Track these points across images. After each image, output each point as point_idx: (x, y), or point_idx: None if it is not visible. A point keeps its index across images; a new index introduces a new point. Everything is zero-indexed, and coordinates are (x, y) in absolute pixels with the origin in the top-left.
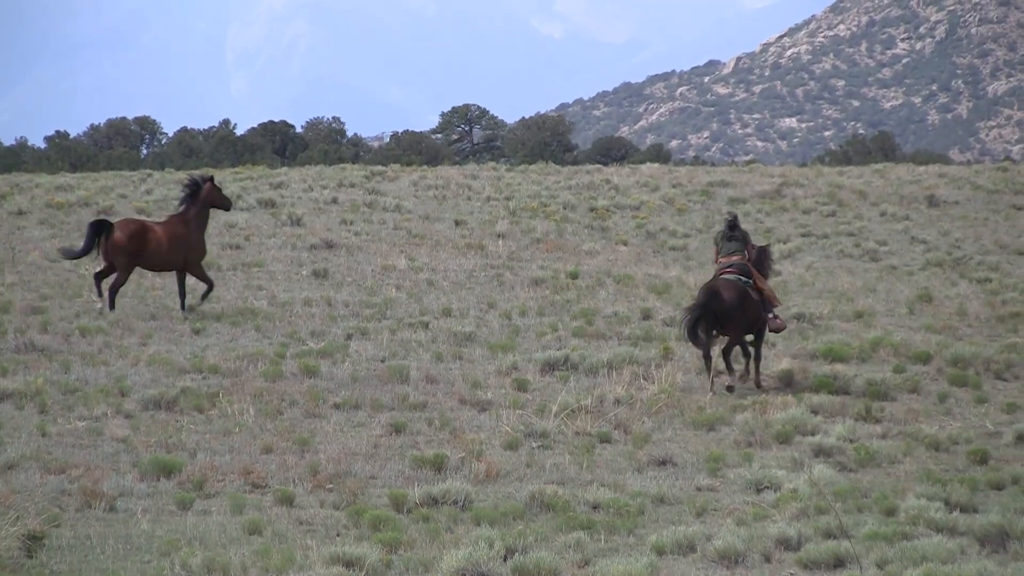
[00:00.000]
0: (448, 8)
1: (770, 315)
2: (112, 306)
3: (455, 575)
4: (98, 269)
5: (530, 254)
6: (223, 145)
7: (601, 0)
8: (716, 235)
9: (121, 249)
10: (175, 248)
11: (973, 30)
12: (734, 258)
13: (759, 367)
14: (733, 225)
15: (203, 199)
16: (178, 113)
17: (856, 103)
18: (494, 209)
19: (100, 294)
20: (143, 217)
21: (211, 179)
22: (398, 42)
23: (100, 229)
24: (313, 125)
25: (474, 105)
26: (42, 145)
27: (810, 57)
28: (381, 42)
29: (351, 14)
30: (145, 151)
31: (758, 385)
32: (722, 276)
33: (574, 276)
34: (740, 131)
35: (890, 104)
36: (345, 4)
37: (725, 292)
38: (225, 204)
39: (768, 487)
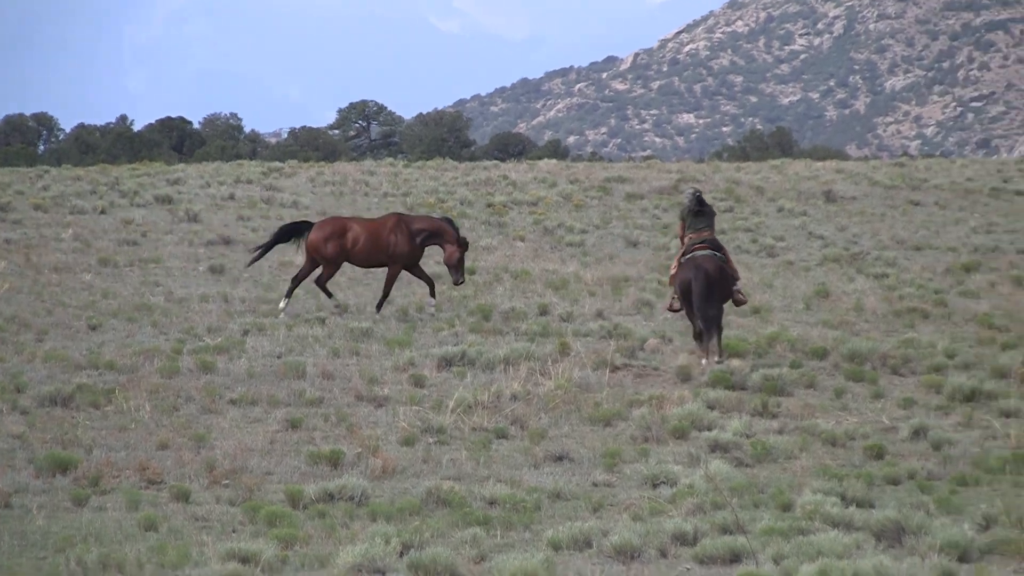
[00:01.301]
0: (347, 5)
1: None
2: (330, 294)
3: (351, 571)
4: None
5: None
6: (120, 141)
7: None
8: (683, 211)
9: (319, 246)
10: (376, 246)
11: (871, 26)
12: (704, 233)
13: (721, 341)
14: (700, 200)
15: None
16: (75, 110)
17: (754, 99)
18: (392, 205)
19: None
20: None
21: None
22: (296, 39)
23: (297, 230)
24: (210, 121)
25: (372, 101)
26: None
27: (708, 53)
28: (279, 39)
29: (249, 11)
30: (42, 147)
31: (719, 358)
32: (697, 251)
33: (471, 272)
34: (638, 127)
35: (788, 100)
36: (243, 1)
37: (710, 266)
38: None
39: (664, 482)
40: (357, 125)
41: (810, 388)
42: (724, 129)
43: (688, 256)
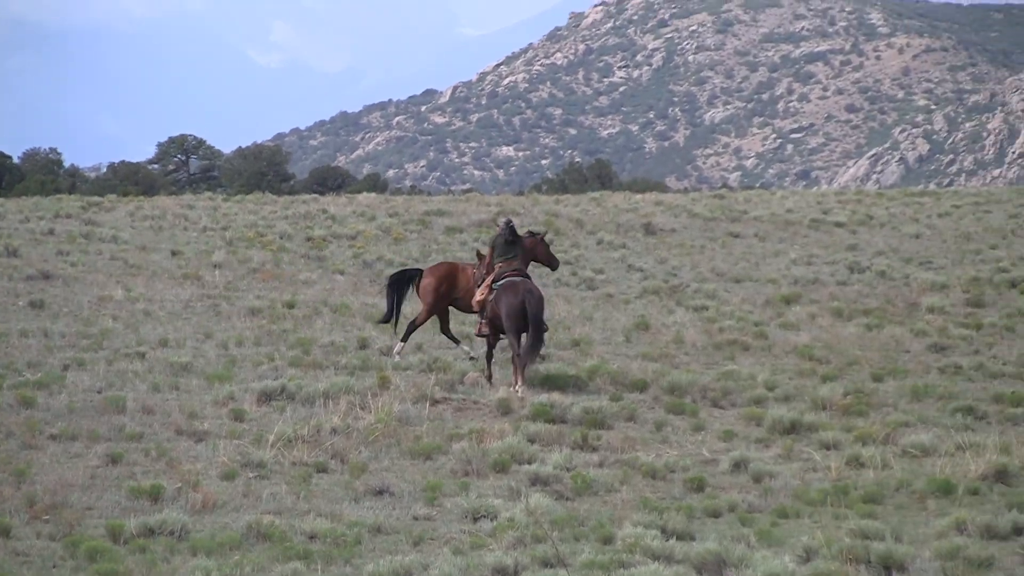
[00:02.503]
0: (165, 40)
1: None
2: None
3: None
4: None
5: (247, 284)
6: None
7: (318, 30)
8: (494, 239)
9: (430, 291)
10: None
11: (690, 57)
12: (514, 263)
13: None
14: (513, 230)
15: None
16: None
17: (573, 131)
18: (211, 239)
19: (457, 341)
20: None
21: (543, 235)
22: (115, 74)
23: (408, 278)
24: (30, 156)
25: (191, 135)
26: None
27: (527, 86)
28: (99, 74)
29: (70, 47)
30: None
31: (520, 383)
32: (511, 278)
33: (291, 306)
34: (457, 160)
35: (607, 132)
36: (66, 38)
37: (537, 292)
38: (552, 263)
39: (485, 516)
40: (176, 159)
41: (631, 421)
42: (544, 162)
43: (504, 281)
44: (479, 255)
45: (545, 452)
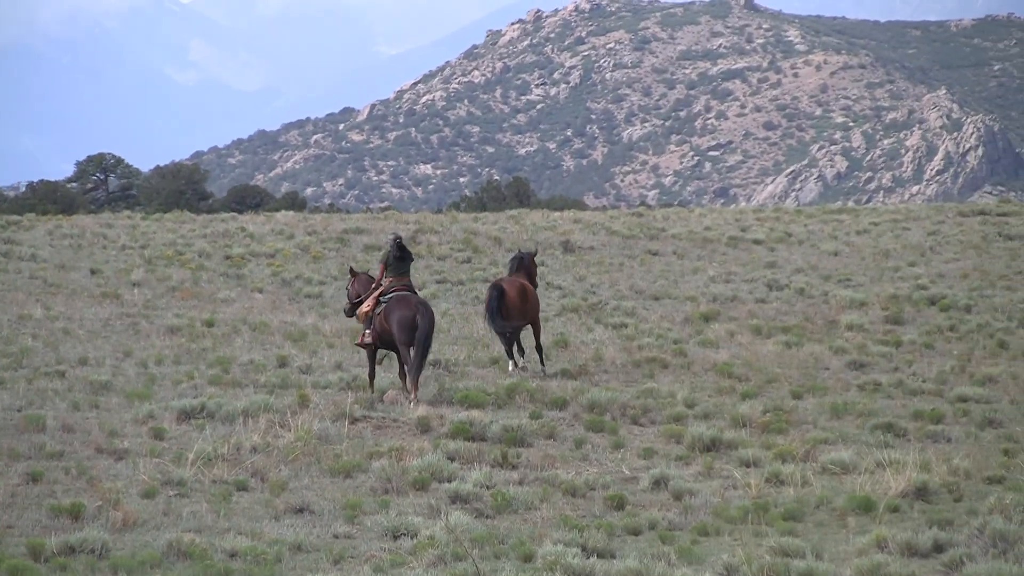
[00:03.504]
0: (83, 58)
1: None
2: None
3: None
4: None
5: (166, 302)
6: None
7: (234, 49)
8: (385, 255)
9: (515, 307)
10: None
11: (608, 75)
12: (404, 279)
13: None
14: (402, 246)
15: (527, 267)
16: None
17: (491, 149)
18: (130, 258)
19: (518, 354)
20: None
21: (533, 254)
22: (33, 92)
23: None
24: None
25: (109, 154)
26: None
27: (444, 103)
28: (16, 92)
29: None
30: None
31: (415, 396)
32: (400, 292)
33: (210, 324)
34: (375, 178)
35: (525, 150)
36: None
37: (428, 307)
38: (534, 279)
39: (405, 534)
40: (95, 178)
41: (550, 439)
42: (462, 179)
43: (395, 295)
44: (352, 272)
45: (465, 470)
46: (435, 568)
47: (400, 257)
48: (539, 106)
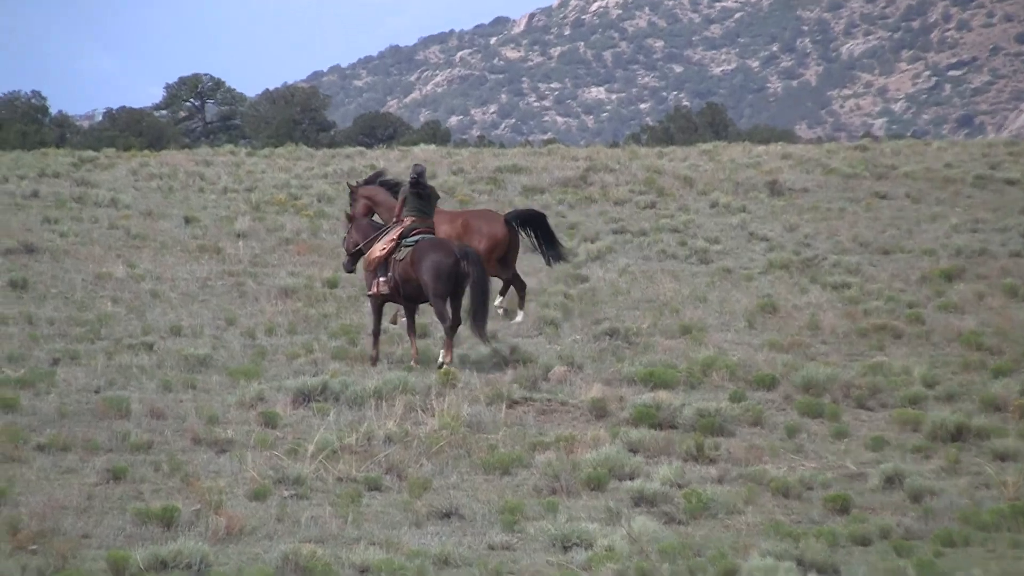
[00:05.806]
0: None
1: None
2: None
3: None
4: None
5: (278, 258)
6: None
7: None
8: (404, 191)
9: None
10: None
11: None
12: (428, 220)
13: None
14: (418, 182)
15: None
16: None
17: (679, 68)
18: (233, 203)
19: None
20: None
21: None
22: (111, 2)
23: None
24: (8, 101)
25: (206, 75)
26: None
27: (621, 12)
28: (89, 6)
29: None
30: None
31: (451, 358)
32: (427, 235)
33: (333, 285)
34: (536, 104)
35: (721, 69)
36: None
37: (475, 252)
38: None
39: (577, 544)
40: (189, 105)
41: (756, 426)
42: (642, 106)
43: (422, 239)
44: (348, 217)
45: (650, 465)
46: None
47: (417, 194)
48: (737, 15)
